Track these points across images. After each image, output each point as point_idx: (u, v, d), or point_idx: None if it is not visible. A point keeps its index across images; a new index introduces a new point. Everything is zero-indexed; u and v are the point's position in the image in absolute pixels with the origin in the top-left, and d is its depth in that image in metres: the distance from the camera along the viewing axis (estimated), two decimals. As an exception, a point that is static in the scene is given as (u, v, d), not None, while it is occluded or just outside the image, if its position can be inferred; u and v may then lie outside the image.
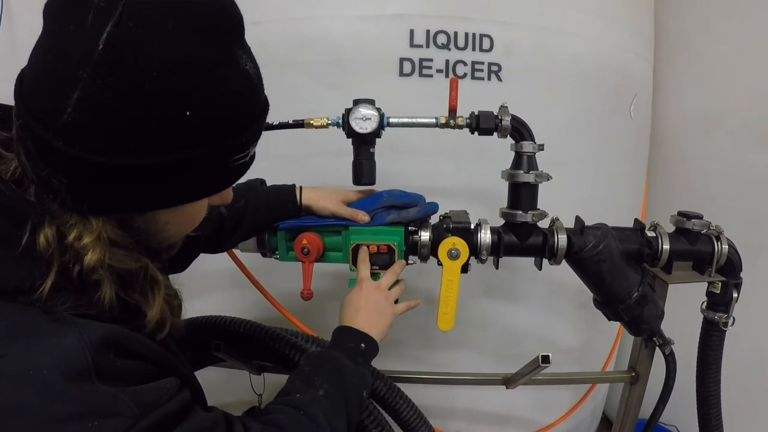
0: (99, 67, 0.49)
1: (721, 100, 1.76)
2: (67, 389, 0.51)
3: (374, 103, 1.02)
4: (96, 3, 0.50)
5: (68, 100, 0.50)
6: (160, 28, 0.51)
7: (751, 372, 1.68)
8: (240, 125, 0.60)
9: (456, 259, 1.03)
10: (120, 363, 0.55)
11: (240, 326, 1.20)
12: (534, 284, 1.60)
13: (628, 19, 1.64)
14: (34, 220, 0.55)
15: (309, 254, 1.03)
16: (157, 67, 0.51)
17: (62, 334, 0.53)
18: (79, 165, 0.52)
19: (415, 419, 1.17)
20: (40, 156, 0.53)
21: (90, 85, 0.50)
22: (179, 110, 0.53)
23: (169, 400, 0.58)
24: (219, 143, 0.58)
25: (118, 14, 0.50)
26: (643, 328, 1.15)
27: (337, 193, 1.07)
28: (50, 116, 0.51)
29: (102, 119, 0.51)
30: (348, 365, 0.84)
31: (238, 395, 1.49)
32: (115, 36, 0.49)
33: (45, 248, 0.54)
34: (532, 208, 1.05)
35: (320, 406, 0.75)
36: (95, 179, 0.54)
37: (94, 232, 0.56)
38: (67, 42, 0.51)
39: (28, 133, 0.53)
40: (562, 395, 1.82)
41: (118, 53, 0.50)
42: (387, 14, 1.35)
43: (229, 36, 0.58)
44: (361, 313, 0.93)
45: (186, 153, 0.55)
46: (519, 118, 1.04)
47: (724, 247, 1.08)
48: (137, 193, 0.56)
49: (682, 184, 1.92)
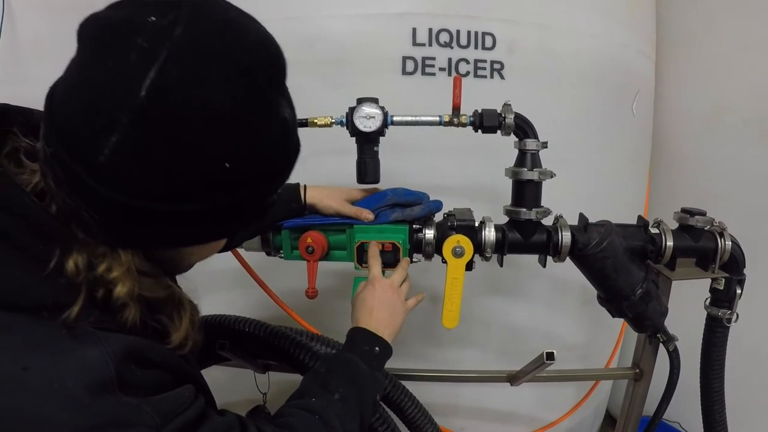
0: (140, 114, 0.48)
1: (722, 97, 1.76)
2: (91, 402, 0.51)
3: (378, 101, 1.02)
4: (139, 43, 0.49)
5: (105, 142, 0.49)
6: (204, 77, 0.50)
7: (754, 368, 1.68)
8: (274, 172, 0.61)
9: (460, 257, 1.03)
10: (140, 373, 0.56)
11: (245, 325, 1.21)
12: (537, 281, 1.61)
13: (630, 16, 1.64)
14: (62, 242, 0.54)
15: (313, 253, 1.03)
16: (198, 117, 0.50)
17: (86, 347, 0.53)
18: (112, 205, 0.52)
19: (421, 417, 1.18)
20: (71, 188, 0.52)
21: (129, 131, 0.49)
22: (218, 159, 0.53)
23: (188, 408, 0.59)
24: (252, 190, 0.58)
25: (163, 59, 0.48)
26: (647, 324, 1.15)
27: (342, 191, 1.07)
28: (85, 154, 0.50)
29: (140, 165, 0.50)
30: (363, 369, 0.84)
31: (242, 394, 1.50)
32: (158, 83, 0.48)
33: (74, 274, 0.54)
34: (536, 206, 1.05)
35: (335, 410, 0.75)
36: (128, 219, 0.53)
37: (123, 265, 0.56)
38: (106, 79, 0.49)
39: (59, 163, 0.52)
40: (566, 392, 1.83)
41: (160, 102, 0.49)
42: (390, 13, 1.35)
43: (271, 84, 0.57)
44: (375, 314, 0.93)
45: (221, 199, 0.56)
46: (522, 116, 1.04)
47: (727, 244, 1.08)
48: (169, 233, 0.57)
49: (683, 181, 1.92)
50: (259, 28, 0.58)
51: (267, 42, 0.57)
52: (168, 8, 0.51)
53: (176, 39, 0.49)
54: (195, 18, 0.51)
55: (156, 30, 0.49)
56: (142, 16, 0.50)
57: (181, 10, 0.51)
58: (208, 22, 0.52)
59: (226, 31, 0.53)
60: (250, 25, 0.57)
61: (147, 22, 0.49)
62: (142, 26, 0.49)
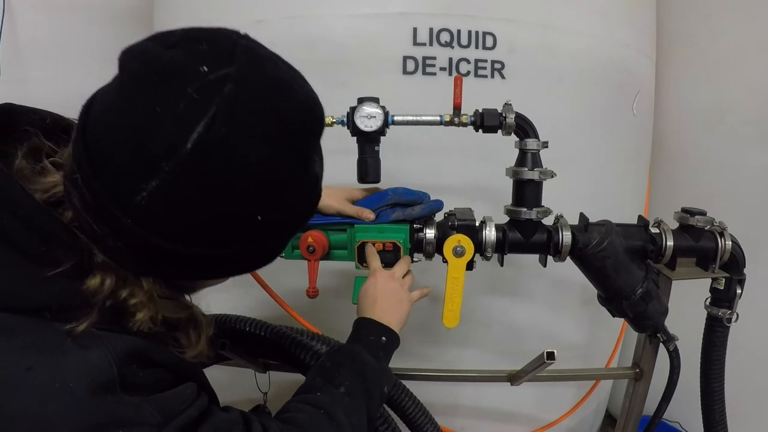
0: (184, 165, 0.49)
1: (722, 97, 1.76)
2: (94, 402, 0.51)
3: (378, 101, 1.02)
4: (189, 92, 0.49)
5: (145, 185, 0.49)
6: (249, 135, 0.51)
7: (754, 367, 1.68)
8: (301, 220, 0.64)
9: (461, 257, 1.03)
10: (142, 373, 0.56)
11: (245, 324, 1.21)
12: (538, 281, 1.61)
13: (630, 16, 1.64)
14: (69, 247, 0.54)
15: (314, 252, 1.03)
16: (239, 171, 0.51)
17: (88, 347, 0.53)
18: (143, 242, 0.53)
19: (421, 417, 1.18)
20: (100, 218, 0.53)
21: (171, 179, 0.49)
22: (253, 211, 0.55)
23: (190, 406, 0.59)
24: (280, 237, 0.62)
25: (212, 114, 0.49)
26: (647, 324, 1.15)
27: (342, 191, 1.07)
28: (122, 192, 0.51)
29: (177, 210, 0.51)
30: (369, 361, 0.83)
31: (243, 393, 1.50)
32: (205, 139, 0.49)
33: (94, 292, 0.54)
34: (537, 205, 1.06)
35: (341, 404, 0.75)
36: (157, 256, 0.54)
37: (146, 292, 0.57)
38: (152, 124, 0.49)
39: (89, 189, 0.52)
40: (566, 392, 1.83)
41: (205, 156, 0.49)
42: (390, 12, 1.35)
43: (308, 141, 0.59)
44: (379, 303, 0.92)
45: (252, 246, 0.58)
46: (523, 116, 1.04)
47: (727, 243, 1.08)
48: (196, 271, 0.59)
49: (683, 181, 1.92)
50: (305, 86, 0.59)
51: (312, 103, 0.59)
52: (221, 59, 0.51)
53: (226, 95, 0.50)
54: (247, 75, 0.52)
55: (207, 83, 0.49)
56: (195, 63, 0.50)
57: (234, 64, 0.51)
58: (258, 80, 0.53)
59: (275, 91, 0.54)
60: (297, 84, 0.58)
61: (199, 72, 0.50)
62: (194, 76, 0.49)
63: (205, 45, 0.52)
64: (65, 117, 0.64)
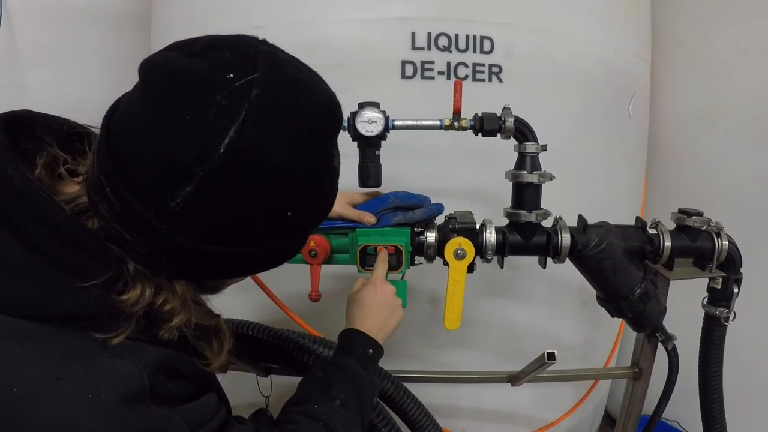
0: (217, 169, 0.50)
1: (718, 100, 1.78)
2: (126, 412, 0.51)
3: (379, 105, 1.03)
4: (218, 100, 0.50)
5: (179, 191, 0.51)
6: (279, 137, 0.53)
7: (752, 366, 1.69)
8: (323, 215, 0.65)
9: (462, 259, 1.04)
10: (170, 384, 0.57)
11: (247, 329, 1.21)
12: (536, 283, 1.62)
13: (626, 19, 1.66)
14: (99, 256, 0.54)
15: (316, 256, 1.04)
16: (271, 174, 0.53)
17: (119, 357, 0.53)
18: (180, 247, 0.54)
19: (423, 418, 1.18)
20: (133, 226, 0.53)
21: (205, 184, 0.50)
22: (283, 210, 0.57)
23: (212, 417, 0.60)
24: (304, 232, 0.66)
25: (242, 119, 0.50)
26: (645, 324, 1.17)
27: (344, 195, 1.07)
28: (155, 199, 0.52)
29: (212, 213, 0.53)
30: (362, 373, 0.85)
31: (245, 397, 1.50)
32: (237, 143, 0.50)
33: (134, 302, 0.54)
34: (536, 208, 1.07)
35: (339, 416, 0.77)
36: (193, 259, 0.56)
37: (179, 296, 0.58)
38: (184, 133, 0.50)
39: (119, 199, 0.53)
40: (565, 392, 1.84)
41: (238, 160, 0.51)
42: (389, 17, 1.37)
43: (330, 139, 0.61)
44: (374, 315, 0.94)
45: (279, 243, 0.60)
46: (522, 119, 1.05)
47: (724, 243, 1.09)
48: (227, 270, 0.61)
49: (679, 183, 1.93)
50: (325, 86, 0.61)
51: (333, 102, 0.61)
52: (245, 65, 0.52)
53: (254, 100, 0.51)
54: (271, 79, 0.53)
55: (234, 89, 0.51)
56: (221, 71, 0.51)
57: (258, 69, 0.53)
58: (283, 83, 0.55)
59: (299, 93, 0.56)
60: (318, 86, 0.60)
61: (226, 80, 0.51)
62: (221, 84, 0.51)
63: (228, 53, 0.53)
64: (80, 124, 0.65)
